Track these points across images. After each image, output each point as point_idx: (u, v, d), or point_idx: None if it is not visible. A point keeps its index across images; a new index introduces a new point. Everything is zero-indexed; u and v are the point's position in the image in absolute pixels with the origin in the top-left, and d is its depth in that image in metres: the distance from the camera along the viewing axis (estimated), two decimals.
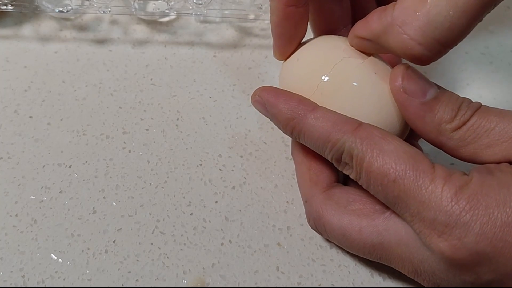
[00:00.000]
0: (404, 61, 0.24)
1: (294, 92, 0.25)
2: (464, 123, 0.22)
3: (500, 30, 0.39)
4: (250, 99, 0.26)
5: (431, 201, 0.20)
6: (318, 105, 0.24)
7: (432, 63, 0.22)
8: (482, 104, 0.22)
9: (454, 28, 0.20)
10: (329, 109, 0.24)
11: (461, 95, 0.36)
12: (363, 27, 0.24)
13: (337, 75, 0.24)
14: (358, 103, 0.24)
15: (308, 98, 0.25)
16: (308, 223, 0.27)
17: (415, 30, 0.21)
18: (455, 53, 0.37)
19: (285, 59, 0.27)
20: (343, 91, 0.24)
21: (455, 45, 0.21)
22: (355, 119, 0.23)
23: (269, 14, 0.26)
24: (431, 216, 0.20)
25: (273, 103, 0.25)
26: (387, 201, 0.22)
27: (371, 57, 0.25)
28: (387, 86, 0.24)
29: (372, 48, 0.24)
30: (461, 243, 0.20)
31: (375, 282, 0.27)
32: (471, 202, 0.19)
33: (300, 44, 0.27)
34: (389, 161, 0.21)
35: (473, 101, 0.23)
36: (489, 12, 0.21)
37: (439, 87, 0.23)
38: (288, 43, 0.27)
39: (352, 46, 0.25)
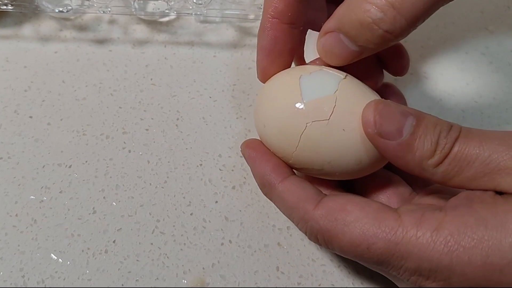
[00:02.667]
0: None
1: (275, 151, 0.25)
2: (446, 156, 0.21)
3: (500, 30, 0.38)
4: (240, 147, 0.26)
5: (409, 252, 0.20)
6: (289, 175, 0.24)
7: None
8: (462, 126, 0.22)
9: None
10: (297, 181, 0.24)
11: (461, 95, 0.36)
12: (328, 20, 0.24)
13: (306, 144, 0.23)
14: (335, 161, 0.23)
15: (288, 161, 0.24)
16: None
17: None
18: (455, 53, 0.37)
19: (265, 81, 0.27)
20: (317, 156, 0.23)
21: (413, 20, 0.22)
22: (317, 194, 0.23)
23: None
24: (414, 266, 0.20)
25: (251, 164, 0.25)
26: (368, 265, 0.22)
27: (335, 104, 0.23)
28: (360, 132, 0.23)
29: (338, 45, 0.23)
30: (448, 283, 0.20)
31: (375, 282, 0.27)
32: (448, 244, 0.19)
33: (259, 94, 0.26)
34: (356, 232, 0.21)
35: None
36: None
37: (414, 112, 0.22)
38: (266, 58, 0.26)
39: (319, 52, 0.24)
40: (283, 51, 0.26)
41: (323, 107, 0.23)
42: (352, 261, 0.28)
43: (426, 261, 0.20)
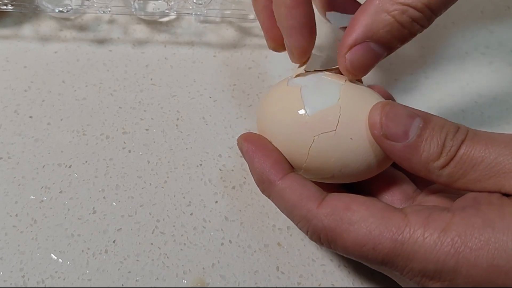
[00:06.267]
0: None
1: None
2: (451, 159, 0.21)
3: (500, 30, 0.39)
4: (237, 141, 0.26)
5: (415, 253, 0.20)
6: (289, 172, 0.23)
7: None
8: (470, 129, 0.22)
9: None
10: (298, 178, 0.23)
11: (461, 95, 0.36)
12: (351, 34, 0.23)
13: (315, 156, 0.23)
14: (345, 168, 0.23)
15: (297, 172, 0.24)
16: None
17: None
18: (455, 53, 0.37)
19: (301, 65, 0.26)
20: (328, 165, 0.23)
21: (440, 12, 0.23)
22: (320, 192, 0.23)
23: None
24: (419, 266, 0.20)
25: (249, 159, 0.24)
26: (372, 266, 0.22)
27: (340, 113, 0.23)
28: (368, 138, 0.23)
29: (369, 55, 0.23)
30: (452, 284, 0.20)
31: (375, 282, 0.27)
32: (455, 245, 0.19)
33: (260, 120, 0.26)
34: (362, 231, 0.21)
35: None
36: None
37: (421, 114, 0.22)
38: (302, 36, 0.25)
39: (346, 69, 0.24)
40: (311, 22, 0.25)
41: (328, 118, 0.23)
42: (353, 261, 0.28)
43: (431, 262, 0.20)
